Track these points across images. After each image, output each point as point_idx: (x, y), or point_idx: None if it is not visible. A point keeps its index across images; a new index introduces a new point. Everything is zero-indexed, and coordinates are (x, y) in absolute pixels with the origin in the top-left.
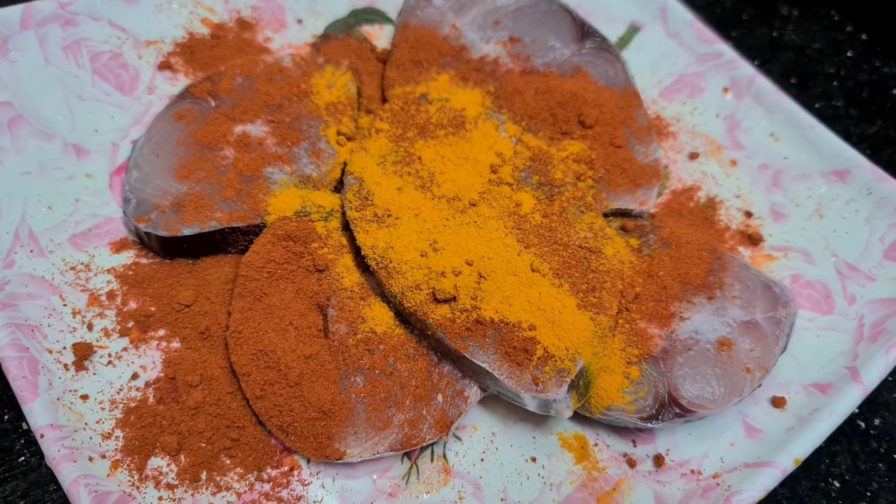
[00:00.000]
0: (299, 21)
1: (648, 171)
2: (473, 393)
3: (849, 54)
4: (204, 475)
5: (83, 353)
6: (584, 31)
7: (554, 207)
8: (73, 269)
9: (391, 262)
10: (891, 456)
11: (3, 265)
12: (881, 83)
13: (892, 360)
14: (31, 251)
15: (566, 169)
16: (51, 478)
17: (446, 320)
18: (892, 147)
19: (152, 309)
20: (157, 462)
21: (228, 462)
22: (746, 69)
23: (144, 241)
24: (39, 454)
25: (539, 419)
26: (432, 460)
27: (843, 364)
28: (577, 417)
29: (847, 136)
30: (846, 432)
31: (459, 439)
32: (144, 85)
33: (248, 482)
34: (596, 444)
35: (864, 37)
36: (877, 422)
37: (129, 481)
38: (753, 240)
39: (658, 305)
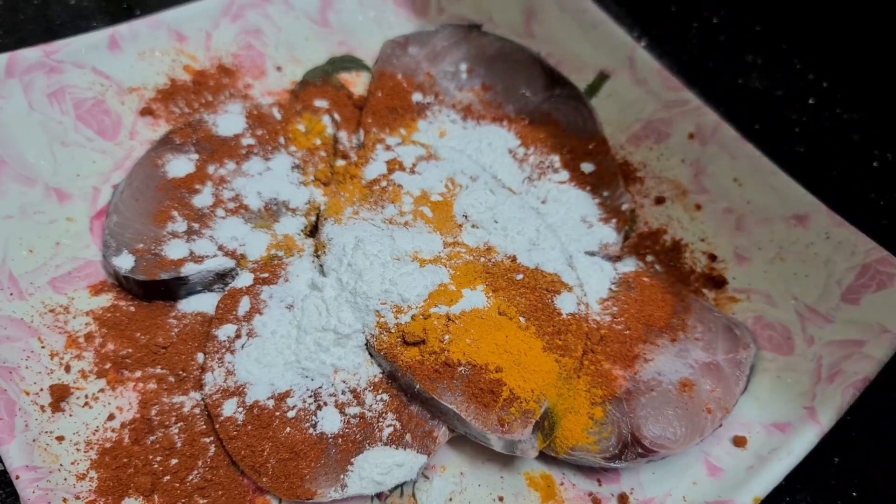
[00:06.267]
0: (279, 68)
1: (616, 216)
2: (442, 433)
3: (810, 102)
4: None
5: (60, 395)
6: (553, 79)
7: None
8: (52, 311)
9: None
10: (849, 493)
11: None
12: (841, 130)
13: (847, 400)
14: (11, 294)
15: None
16: None
17: (416, 362)
18: (850, 192)
19: (130, 350)
20: (131, 502)
21: (202, 502)
22: (711, 116)
23: (123, 285)
24: (15, 495)
25: (506, 459)
26: (402, 499)
27: (802, 404)
28: (544, 457)
29: (807, 181)
30: (805, 470)
31: (429, 479)
32: (126, 130)
33: None
34: (562, 484)
35: (825, 84)
36: (835, 460)
37: None
38: (717, 282)
39: (622, 347)
